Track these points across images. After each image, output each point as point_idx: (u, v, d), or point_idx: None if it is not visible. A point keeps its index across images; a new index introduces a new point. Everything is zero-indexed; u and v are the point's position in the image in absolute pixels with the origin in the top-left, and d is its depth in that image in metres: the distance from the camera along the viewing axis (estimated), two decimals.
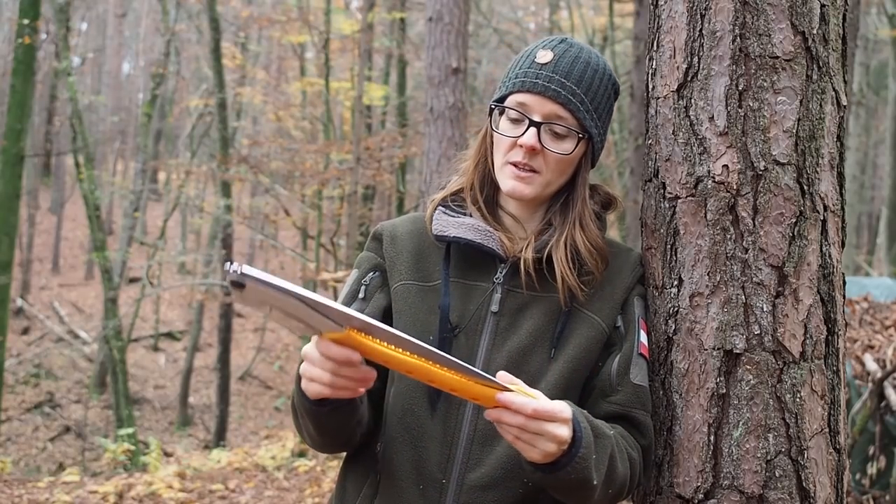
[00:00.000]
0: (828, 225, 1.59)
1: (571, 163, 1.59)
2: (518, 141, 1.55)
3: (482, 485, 1.48)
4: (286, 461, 8.73)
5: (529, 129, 1.54)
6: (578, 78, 1.56)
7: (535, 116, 1.55)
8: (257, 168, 14.08)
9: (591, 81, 1.58)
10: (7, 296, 10.62)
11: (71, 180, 26.00)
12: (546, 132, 1.55)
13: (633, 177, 8.20)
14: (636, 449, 1.50)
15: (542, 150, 1.55)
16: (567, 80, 1.56)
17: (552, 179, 1.59)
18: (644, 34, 5.27)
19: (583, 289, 1.56)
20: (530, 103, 1.56)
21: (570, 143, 1.56)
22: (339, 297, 1.69)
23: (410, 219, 1.71)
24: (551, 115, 1.55)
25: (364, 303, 1.63)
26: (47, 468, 13.01)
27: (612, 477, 1.41)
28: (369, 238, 1.71)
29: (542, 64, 1.57)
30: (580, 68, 1.57)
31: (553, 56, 1.57)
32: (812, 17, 1.57)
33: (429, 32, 6.20)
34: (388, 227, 1.70)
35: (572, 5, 17.65)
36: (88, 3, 25.68)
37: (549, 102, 1.55)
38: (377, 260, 1.66)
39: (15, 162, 10.35)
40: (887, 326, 5.83)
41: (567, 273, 1.55)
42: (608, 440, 1.41)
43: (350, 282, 1.68)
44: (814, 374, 1.56)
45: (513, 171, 1.57)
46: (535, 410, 1.27)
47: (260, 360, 20.76)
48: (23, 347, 18.97)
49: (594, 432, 1.38)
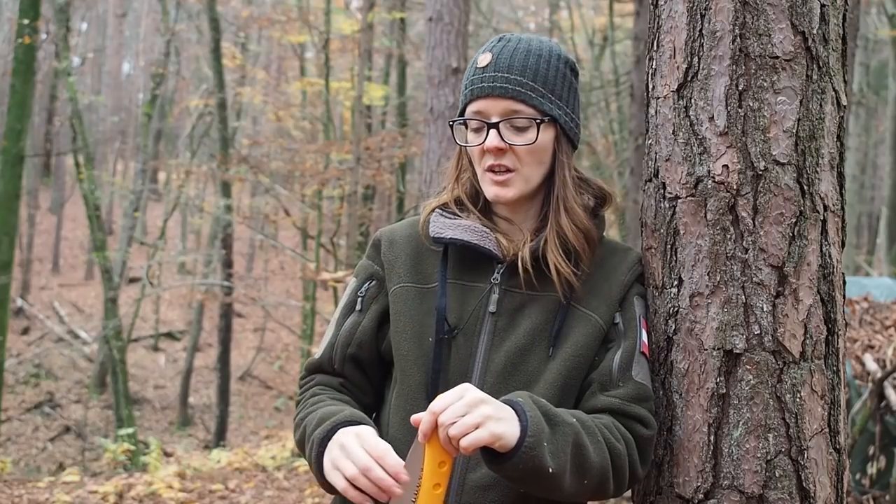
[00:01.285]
0: (828, 225, 1.59)
1: (544, 150, 1.60)
2: (483, 147, 1.57)
3: (483, 485, 1.49)
4: (286, 461, 8.73)
5: (490, 132, 1.56)
6: (521, 68, 1.58)
7: (492, 118, 1.57)
8: (257, 168, 14.08)
9: (536, 67, 1.58)
10: (7, 296, 10.62)
11: (71, 180, 25.99)
12: (507, 128, 1.57)
13: (633, 177, 8.20)
14: (623, 440, 1.48)
15: (509, 147, 1.56)
16: (510, 73, 1.57)
17: (530, 172, 1.59)
18: (644, 34, 5.27)
19: (577, 274, 1.56)
20: (484, 108, 1.58)
21: (533, 131, 1.57)
22: (339, 305, 1.73)
23: (409, 223, 1.73)
24: (506, 111, 1.56)
25: (361, 315, 1.66)
26: (47, 468, 13.00)
27: (584, 465, 1.39)
28: (369, 245, 1.74)
29: (484, 67, 1.59)
30: (521, 58, 1.59)
31: (492, 56, 1.60)
32: (812, 17, 1.57)
33: (429, 32, 6.20)
34: (387, 233, 1.72)
35: (572, 5, 17.65)
36: (88, 3, 25.67)
37: (500, 100, 1.56)
38: (374, 268, 1.69)
39: (15, 162, 10.35)
40: (887, 326, 5.83)
41: (561, 264, 1.55)
42: (569, 427, 1.39)
43: (348, 292, 1.71)
44: (814, 374, 1.56)
45: (490, 177, 1.59)
46: (432, 412, 1.31)
47: (260, 360, 20.76)
48: (23, 347, 18.97)
49: (549, 419, 1.37)
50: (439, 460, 1.34)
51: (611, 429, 1.48)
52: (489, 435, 1.30)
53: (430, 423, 1.32)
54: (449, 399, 1.32)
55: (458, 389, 1.34)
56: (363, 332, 1.64)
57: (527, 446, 1.32)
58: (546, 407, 1.39)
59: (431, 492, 1.34)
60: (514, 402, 1.37)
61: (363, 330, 1.64)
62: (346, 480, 1.34)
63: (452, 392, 1.33)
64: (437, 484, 1.34)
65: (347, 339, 1.64)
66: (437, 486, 1.34)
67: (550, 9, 19.07)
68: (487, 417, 1.30)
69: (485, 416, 1.30)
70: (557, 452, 1.36)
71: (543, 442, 1.34)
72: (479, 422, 1.30)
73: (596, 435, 1.44)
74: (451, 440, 1.30)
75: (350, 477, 1.33)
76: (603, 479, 1.43)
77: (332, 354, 1.65)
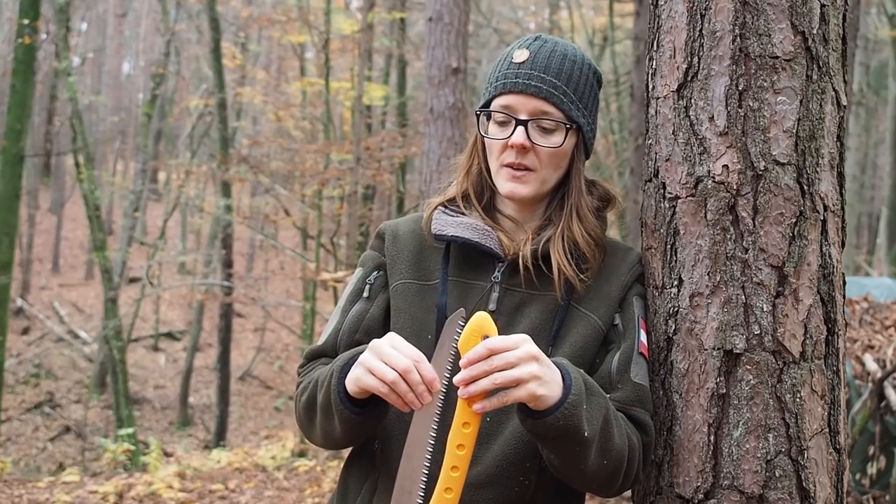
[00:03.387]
0: (828, 225, 1.59)
1: (564, 156, 1.60)
2: (508, 142, 1.57)
3: (479, 482, 1.49)
4: (286, 461, 8.73)
5: (517, 129, 1.56)
6: (557, 70, 1.57)
7: (520, 115, 1.56)
8: (257, 168, 14.08)
9: (570, 72, 1.59)
10: (7, 296, 10.62)
11: (71, 180, 25.97)
12: (534, 128, 1.56)
13: (633, 177, 8.19)
14: (637, 437, 1.49)
15: (532, 147, 1.56)
16: (546, 74, 1.57)
17: (548, 175, 1.60)
18: (644, 34, 5.27)
19: (583, 279, 1.56)
20: (514, 103, 1.57)
21: (559, 135, 1.57)
22: (343, 294, 1.70)
23: (413, 218, 1.73)
24: (536, 111, 1.56)
25: (369, 302, 1.64)
26: (47, 468, 13.00)
27: (608, 443, 1.40)
28: (373, 236, 1.73)
29: (520, 63, 1.58)
30: (557, 61, 1.58)
31: (529, 54, 1.59)
32: (812, 17, 1.57)
33: (429, 32, 6.20)
34: (391, 226, 1.71)
35: (572, 5, 17.65)
36: (88, 3, 25.67)
37: (532, 99, 1.56)
38: (381, 259, 1.68)
39: (15, 162, 10.35)
40: (887, 326, 5.83)
41: (564, 264, 1.55)
42: (603, 399, 1.41)
43: (354, 280, 1.69)
44: (814, 374, 1.56)
45: (508, 172, 1.58)
46: (488, 348, 1.30)
47: (260, 360, 20.76)
48: (23, 347, 18.96)
49: (587, 387, 1.38)
50: (464, 420, 1.33)
51: (628, 423, 1.49)
52: (527, 395, 1.30)
53: (482, 355, 1.30)
54: (507, 342, 1.31)
55: (516, 338, 1.33)
56: (371, 319, 1.62)
57: (569, 403, 1.32)
58: (584, 375, 1.41)
59: (455, 452, 1.33)
60: (558, 363, 1.38)
61: (371, 317, 1.62)
62: (387, 385, 1.33)
63: (511, 338, 1.32)
64: (460, 445, 1.34)
65: (354, 326, 1.62)
66: (460, 446, 1.34)
67: (550, 9, 19.09)
68: (533, 377, 1.30)
69: (531, 375, 1.30)
70: (592, 420, 1.36)
71: (583, 404, 1.34)
72: (525, 378, 1.29)
73: (619, 421, 1.45)
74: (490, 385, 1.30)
75: (391, 381, 1.32)
76: (618, 467, 1.44)
77: (336, 341, 1.62)
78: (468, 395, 1.32)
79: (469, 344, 1.33)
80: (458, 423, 1.34)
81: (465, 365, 1.31)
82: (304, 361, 1.67)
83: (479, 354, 1.30)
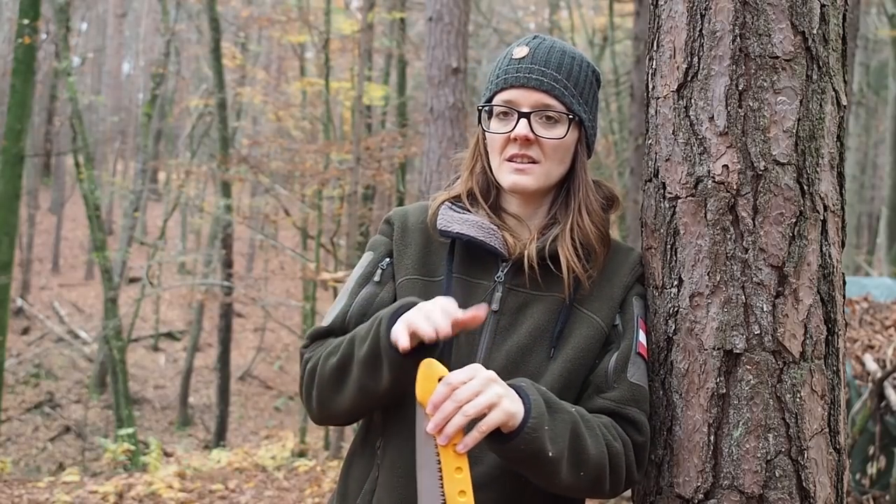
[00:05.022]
0: (828, 225, 1.59)
1: (568, 149, 1.61)
2: (511, 134, 1.57)
3: (479, 483, 1.48)
4: (286, 461, 8.74)
5: (520, 121, 1.56)
6: (557, 65, 1.59)
7: (522, 108, 1.57)
8: (257, 168, 14.08)
9: (570, 67, 1.60)
10: (7, 296, 10.62)
11: (71, 180, 25.97)
12: (536, 121, 1.57)
13: (633, 177, 8.20)
14: (621, 441, 1.48)
15: (535, 139, 1.57)
16: (547, 67, 1.58)
17: (552, 168, 1.60)
18: (644, 34, 5.27)
19: (591, 275, 1.57)
20: (516, 98, 1.58)
21: (562, 127, 1.58)
22: (352, 276, 1.68)
23: (421, 209, 1.71)
24: (538, 103, 1.57)
25: (379, 286, 1.63)
26: (47, 468, 13.00)
27: (581, 456, 1.40)
28: (382, 222, 1.72)
29: (520, 59, 1.60)
30: (557, 56, 1.60)
31: (529, 50, 1.61)
32: (812, 17, 1.57)
33: (429, 32, 6.20)
34: (400, 215, 1.71)
35: (572, 5, 17.66)
36: (88, 3, 25.68)
37: (534, 92, 1.57)
38: (391, 246, 1.67)
39: (15, 162, 10.35)
40: (887, 326, 5.83)
41: (573, 261, 1.55)
42: (568, 415, 1.41)
43: (364, 263, 1.67)
44: (814, 374, 1.56)
45: (511, 165, 1.59)
46: (448, 385, 1.31)
47: (260, 360, 20.76)
48: (23, 347, 18.96)
49: (549, 405, 1.38)
50: (455, 466, 1.33)
51: (609, 428, 1.48)
52: (504, 414, 1.31)
53: (445, 394, 1.30)
54: (463, 375, 1.32)
55: (469, 369, 1.33)
56: (381, 303, 1.60)
57: (529, 427, 1.32)
58: (546, 394, 1.41)
59: (457, 499, 1.33)
60: (516, 385, 1.38)
61: (381, 301, 1.61)
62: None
63: (466, 370, 1.33)
64: (461, 491, 1.33)
65: (363, 309, 1.60)
66: (462, 493, 1.33)
67: (550, 9, 19.08)
68: (501, 396, 1.31)
69: (498, 396, 1.31)
70: (556, 438, 1.36)
71: (545, 425, 1.35)
72: (494, 402, 1.30)
73: (595, 430, 1.44)
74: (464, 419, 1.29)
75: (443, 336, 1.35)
76: (599, 475, 1.44)
77: (344, 322, 1.60)
78: (447, 439, 1.31)
79: (427, 393, 1.33)
80: (450, 471, 1.33)
81: (433, 410, 1.31)
82: (308, 342, 1.64)
83: (443, 394, 1.31)
